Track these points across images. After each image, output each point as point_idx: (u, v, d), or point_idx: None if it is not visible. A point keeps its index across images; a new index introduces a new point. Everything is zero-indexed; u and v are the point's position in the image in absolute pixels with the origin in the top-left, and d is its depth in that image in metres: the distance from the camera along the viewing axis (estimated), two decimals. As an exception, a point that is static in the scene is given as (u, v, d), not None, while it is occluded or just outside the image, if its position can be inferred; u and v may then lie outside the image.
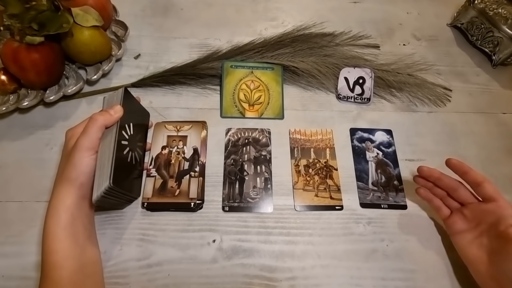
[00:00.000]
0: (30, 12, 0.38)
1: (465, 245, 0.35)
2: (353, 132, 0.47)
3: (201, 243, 0.38)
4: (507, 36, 0.52)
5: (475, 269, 0.34)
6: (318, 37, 0.55)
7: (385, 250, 0.38)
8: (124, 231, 0.38)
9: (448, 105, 0.51)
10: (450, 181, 0.37)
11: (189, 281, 0.36)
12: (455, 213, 0.37)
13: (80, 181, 0.32)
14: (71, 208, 0.31)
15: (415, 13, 0.63)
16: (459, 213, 0.37)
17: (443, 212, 0.38)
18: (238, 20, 0.59)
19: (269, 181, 0.42)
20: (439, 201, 0.38)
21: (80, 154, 0.32)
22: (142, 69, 0.51)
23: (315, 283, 0.36)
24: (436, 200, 0.39)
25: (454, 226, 0.37)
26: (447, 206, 0.38)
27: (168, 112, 0.47)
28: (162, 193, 0.40)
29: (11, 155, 0.42)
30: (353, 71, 0.50)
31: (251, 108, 0.48)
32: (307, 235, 0.39)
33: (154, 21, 0.58)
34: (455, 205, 0.37)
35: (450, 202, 0.38)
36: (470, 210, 0.36)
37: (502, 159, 0.46)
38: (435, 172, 0.38)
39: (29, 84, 0.44)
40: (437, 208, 0.39)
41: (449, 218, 0.37)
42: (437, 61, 0.55)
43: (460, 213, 0.37)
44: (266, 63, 0.51)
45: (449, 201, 0.38)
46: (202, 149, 0.44)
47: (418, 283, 0.37)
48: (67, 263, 0.30)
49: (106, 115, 0.34)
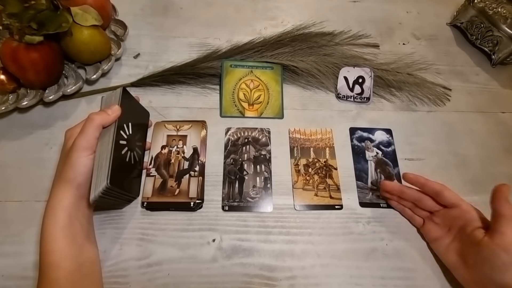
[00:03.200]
0: (29, 11, 0.38)
1: (443, 251, 0.36)
2: (353, 132, 0.47)
3: (201, 242, 0.38)
4: (506, 35, 0.52)
5: (458, 274, 0.34)
6: (317, 36, 0.55)
7: (385, 249, 0.38)
8: (123, 230, 0.38)
9: (447, 105, 0.51)
10: (412, 193, 0.38)
11: (189, 281, 0.36)
12: (427, 221, 0.38)
13: (77, 181, 0.32)
14: (68, 208, 0.31)
15: (414, 12, 0.63)
16: (431, 220, 0.38)
17: (417, 221, 0.39)
18: (238, 19, 0.59)
19: (269, 180, 0.42)
20: (409, 211, 0.39)
21: (78, 154, 0.32)
22: (141, 68, 0.51)
23: (315, 282, 0.36)
24: (407, 210, 0.40)
25: (430, 234, 0.37)
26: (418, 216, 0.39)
27: (167, 111, 0.47)
28: (162, 192, 0.40)
29: (10, 154, 0.42)
30: (352, 71, 0.50)
31: (250, 107, 0.48)
32: (307, 235, 0.39)
33: (154, 20, 0.57)
34: (424, 214, 0.38)
35: (420, 211, 0.39)
36: (439, 217, 0.37)
37: (501, 158, 0.46)
38: (396, 186, 0.39)
39: (28, 83, 0.44)
40: (410, 217, 0.40)
41: (423, 226, 0.38)
42: (437, 60, 0.55)
43: (431, 220, 0.38)
44: (266, 63, 0.51)
45: (419, 210, 0.39)
46: (202, 148, 0.43)
47: (418, 282, 0.37)
48: (64, 263, 0.30)
49: (104, 115, 0.34)
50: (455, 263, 0.34)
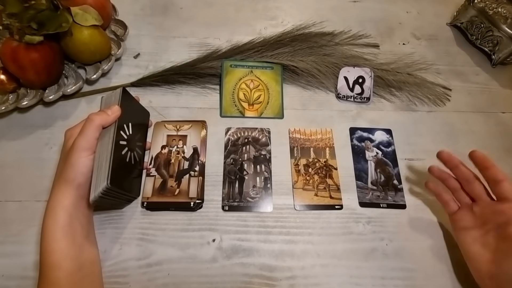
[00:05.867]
0: (29, 11, 0.38)
1: (469, 242, 0.35)
2: (353, 132, 0.47)
3: (201, 242, 0.38)
4: (506, 35, 0.52)
5: (475, 267, 0.34)
6: (317, 36, 0.55)
7: (385, 249, 0.38)
8: (124, 230, 0.38)
9: (447, 105, 0.51)
10: (467, 172, 0.36)
11: (189, 281, 0.36)
12: (463, 209, 0.36)
13: (77, 182, 0.32)
14: (69, 208, 0.31)
15: (414, 12, 0.63)
16: (468, 209, 0.36)
17: (451, 207, 0.37)
18: (238, 19, 0.59)
19: (269, 180, 0.42)
20: (447, 195, 0.38)
21: (78, 155, 0.32)
22: (141, 68, 0.51)
23: (315, 282, 0.36)
24: (444, 195, 0.38)
25: (460, 222, 0.36)
26: (457, 201, 0.37)
27: (167, 111, 0.47)
28: (162, 192, 0.40)
29: (10, 154, 0.42)
30: (352, 71, 0.50)
31: (250, 107, 0.48)
32: (307, 235, 0.39)
33: (154, 20, 0.57)
34: (465, 200, 0.36)
35: (461, 196, 0.37)
36: (480, 207, 0.35)
37: (501, 158, 0.46)
38: (454, 158, 0.37)
39: (28, 83, 0.44)
40: (445, 202, 0.38)
41: (456, 213, 0.37)
42: (437, 60, 0.55)
43: (469, 209, 0.36)
44: (266, 63, 0.51)
45: (460, 195, 0.37)
46: (202, 148, 0.44)
47: (418, 282, 0.37)
48: (64, 263, 0.30)
49: (103, 115, 0.34)
50: (478, 255, 0.34)
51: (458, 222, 0.36)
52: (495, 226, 0.33)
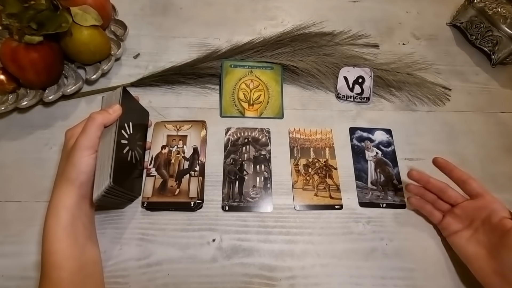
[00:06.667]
0: (29, 12, 0.38)
1: (462, 244, 0.36)
2: (353, 132, 0.47)
3: (201, 242, 0.38)
4: (506, 35, 0.52)
5: (476, 266, 0.34)
6: (317, 36, 0.55)
7: (385, 249, 0.39)
8: (124, 230, 0.38)
9: (447, 104, 0.51)
10: (438, 183, 0.39)
11: (189, 281, 0.36)
12: (447, 215, 0.38)
13: (80, 181, 0.32)
14: (71, 208, 0.31)
15: (414, 12, 0.63)
16: (451, 214, 0.38)
17: (436, 216, 0.39)
18: (238, 19, 0.59)
19: (269, 180, 0.42)
20: (430, 206, 0.39)
21: (80, 154, 0.32)
22: (141, 68, 0.51)
23: (315, 282, 0.36)
24: (427, 206, 0.39)
25: (449, 228, 0.37)
26: (439, 210, 0.39)
27: (167, 111, 0.47)
28: (162, 192, 0.40)
29: (10, 155, 0.42)
30: (352, 71, 0.50)
31: (250, 107, 0.48)
32: (307, 234, 0.39)
33: (154, 20, 0.57)
34: (446, 207, 0.39)
35: (441, 205, 0.39)
36: (461, 209, 0.37)
37: (501, 158, 0.46)
38: (424, 176, 0.39)
39: (28, 83, 0.44)
40: (429, 213, 0.39)
41: (442, 221, 0.38)
42: (437, 60, 0.55)
43: (452, 214, 0.38)
44: (266, 63, 0.51)
45: (440, 204, 0.39)
46: (202, 148, 0.44)
47: (417, 282, 0.37)
48: (67, 264, 0.30)
49: (105, 114, 0.34)
50: (475, 254, 0.34)
51: (447, 228, 0.38)
52: (481, 222, 0.35)
